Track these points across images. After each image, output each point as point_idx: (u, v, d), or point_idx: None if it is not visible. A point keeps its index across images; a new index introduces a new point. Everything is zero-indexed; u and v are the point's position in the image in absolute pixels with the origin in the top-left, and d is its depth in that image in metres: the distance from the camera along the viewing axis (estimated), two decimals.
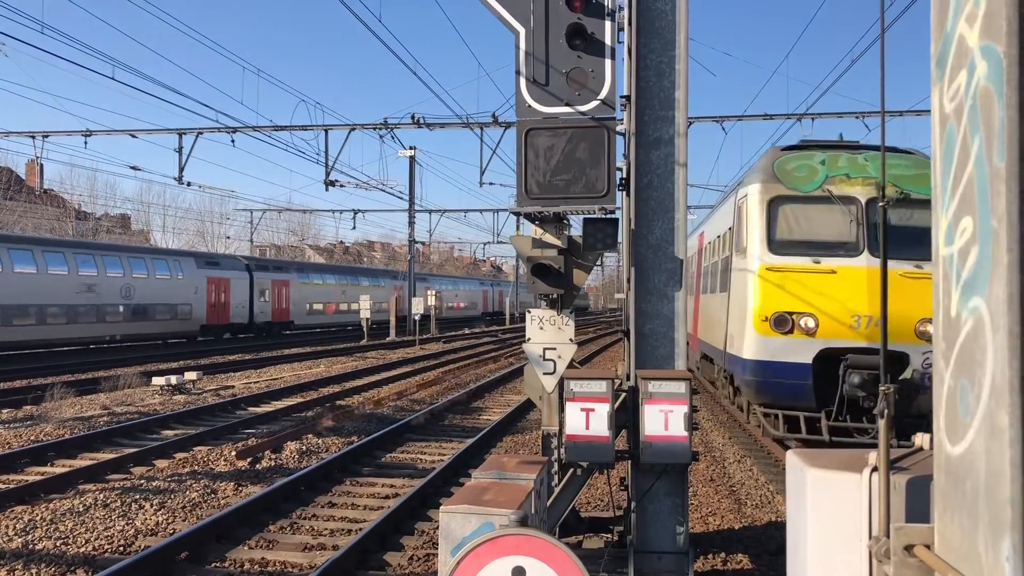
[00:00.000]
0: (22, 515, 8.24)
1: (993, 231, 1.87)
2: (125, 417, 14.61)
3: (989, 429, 1.85)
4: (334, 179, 33.48)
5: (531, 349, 6.31)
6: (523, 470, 4.38)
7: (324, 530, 7.97)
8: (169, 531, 7.86)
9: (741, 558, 7.02)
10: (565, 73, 5.80)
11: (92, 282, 30.59)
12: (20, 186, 54.77)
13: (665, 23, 6.00)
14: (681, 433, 5.34)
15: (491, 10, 5.91)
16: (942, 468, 2.14)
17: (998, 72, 1.87)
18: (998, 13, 1.87)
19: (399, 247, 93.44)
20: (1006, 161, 1.83)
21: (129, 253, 34.49)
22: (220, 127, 30.09)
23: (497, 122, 29.44)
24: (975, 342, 1.94)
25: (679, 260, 6.00)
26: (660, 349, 6.05)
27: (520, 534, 2.91)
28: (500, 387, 20.57)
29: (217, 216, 71.79)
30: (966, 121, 2.03)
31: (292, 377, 22.04)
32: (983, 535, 1.88)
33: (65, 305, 29.19)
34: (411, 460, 11.48)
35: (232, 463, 10.74)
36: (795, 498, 3.04)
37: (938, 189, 2.20)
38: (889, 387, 2.62)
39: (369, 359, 28.77)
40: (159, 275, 34.82)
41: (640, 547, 5.85)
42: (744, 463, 11.10)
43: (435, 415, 15.32)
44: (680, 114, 6.02)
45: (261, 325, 42.55)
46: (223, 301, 39.21)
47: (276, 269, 45.65)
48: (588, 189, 5.77)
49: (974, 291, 1.96)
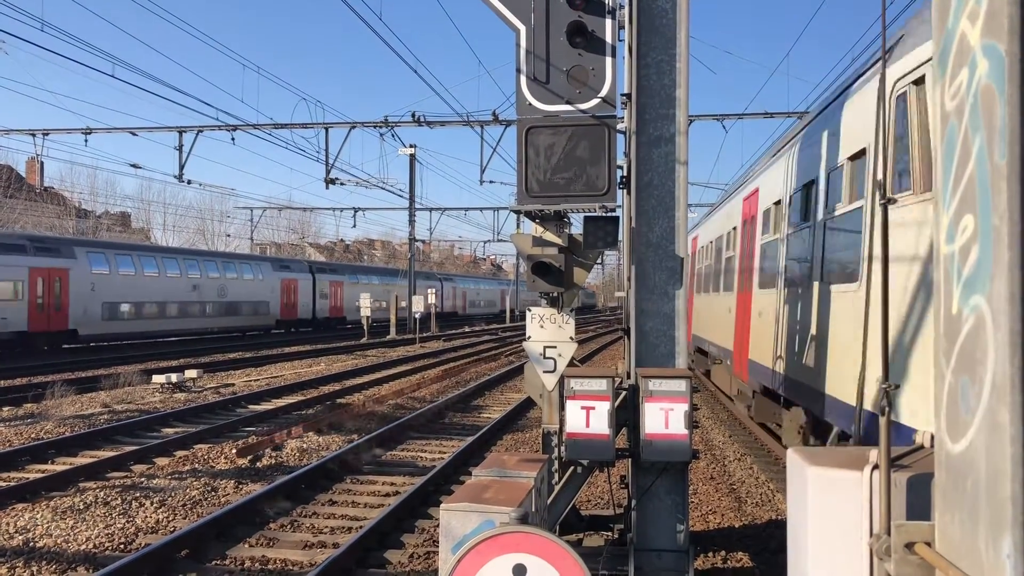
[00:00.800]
0: (23, 513, 8.24)
1: (994, 229, 1.87)
2: (126, 415, 14.62)
3: (990, 426, 1.85)
4: (334, 177, 33.46)
5: (531, 347, 6.31)
6: (523, 468, 4.38)
7: (324, 528, 7.97)
8: (170, 529, 7.87)
9: (741, 556, 7.03)
10: (566, 71, 5.80)
11: (197, 283, 36.91)
12: (20, 184, 54.76)
13: (666, 21, 5.99)
14: (681, 431, 5.33)
15: (492, 8, 5.91)
16: (943, 466, 2.14)
17: (1000, 70, 1.87)
18: (1000, 11, 1.87)
19: (399, 245, 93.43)
20: (1007, 159, 1.83)
21: (223, 258, 41.83)
22: (220, 125, 30.06)
23: (497, 120, 29.42)
24: (976, 340, 1.94)
25: (680, 258, 6.00)
26: (660, 347, 6.05)
27: (521, 532, 2.91)
28: (500, 385, 20.58)
29: (217, 214, 71.88)
30: (967, 119, 2.03)
31: (292, 375, 22.05)
32: (984, 533, 1.88)
33: (179, 302, 35.71)
34: (411, 458, 11.49)
35: (232, 461, 10.75)
36: (796, 496, 3.04)
37: (939, 187, 2.20)
38: (891, 385, 2.62)
39: (369, 357, 28.78)
40: (245, 277, 41.14)
41: (640, 545, 5.85)
42: (744, 461, 11.11)
43: (435, 413, 15.32)
44: (681, 112, 6.01)
45: (321, 320, 48.26)
46: (293, 300, 45.65)
47: (332, 271, 51.63)
48: (588, 187, 5.77)
49: (975, 289, 1.96)
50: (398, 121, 31.17)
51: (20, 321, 27.56)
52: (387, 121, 31.45)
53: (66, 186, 59.76)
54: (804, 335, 7.66)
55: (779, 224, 9.28)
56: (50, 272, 28.73)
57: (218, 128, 30.53)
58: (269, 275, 43.32)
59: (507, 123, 29.04)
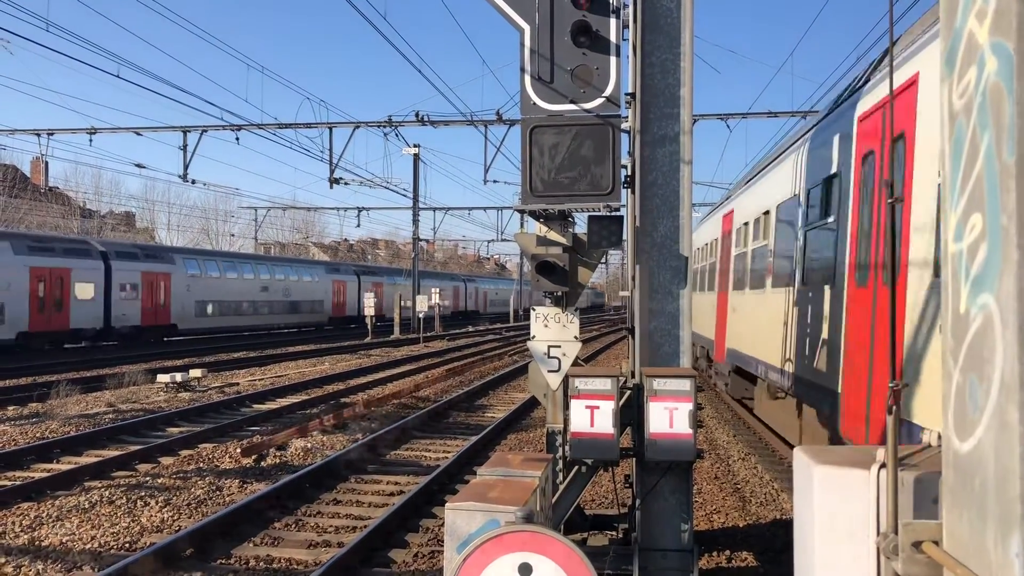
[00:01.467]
0: (28, 512, 8.27)
1: (1003, 228, 1.86)
2: (130, 414, 14.65)
3: (999, 425, 1.85)
4: (338, 177, 33.53)
5: (536, 347, 6.31)
6: (528, 467, 4.38)
7: (329, 527, 7.98)
8: (174, 528, 7.88)
9: (746, 556, 7.02)
10: (570, 70, 5.80)
11: (266, 284, 42.48)
12: (25, 184, 54.92)
13: (670, 20, 5.99)
14: (686, 431, 5.33)
15: (496, 8, 5.91)
16: (951, 464, 2.13)
17: (1008, 68, 1.87)
18: (1008, 10, 1.87)
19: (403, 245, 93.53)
20: (1016, 157, 1.82)
21: (287, 262, 47.63)
22: (225, 125, 30.13)
23: (502, 120, 29.45)
24: (984, 338, 1.94)
25: (684, 258, 6.00)
26: (665, 347, 6.05)
27: (526, 531, 2.91)
28: (504, 384, 20.58)
29: (221, 214, 71.96)
30: (975, 117, 2.02)
31: (296, 375, 22.07)
32: (992, 531, 1.88)
33: (252, 301, 41.18)
34: (415, 457, 11.49)
35: (237, 460, 10.76)
36: (802, 495, 3.04)
37: (947, 186, 2.19)
38: (898, 383, 2.62)
39: (373, 357, 28.81)
40: (305, 279, 46.49)
41: (645, 545, 5.85)
42: (749, 461, 11.10)
43: (439, 412, 15.33)
44: (685, 111, 6.01)
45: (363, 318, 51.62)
46: (342, 300, 51.08)
47: (373, 274, 57.42)
48: (593, 186, 5.77)
49: (983, 288, 1.95)
50: (402, 121, 31.23)
51: (135, 316, 32.97)
52: (391, 121, 31.50)
53: (70, 186, 60.01)
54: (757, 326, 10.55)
55: (747, 240, 11.65)
56: (157, 275, 34.29)
57: (222, 128, 30.61)
58: (323, 277, 49.07)
59: (511, 122, 29.06)
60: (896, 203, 2.85)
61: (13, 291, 27.37)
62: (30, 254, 28.45)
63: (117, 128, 32.36)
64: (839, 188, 6.77)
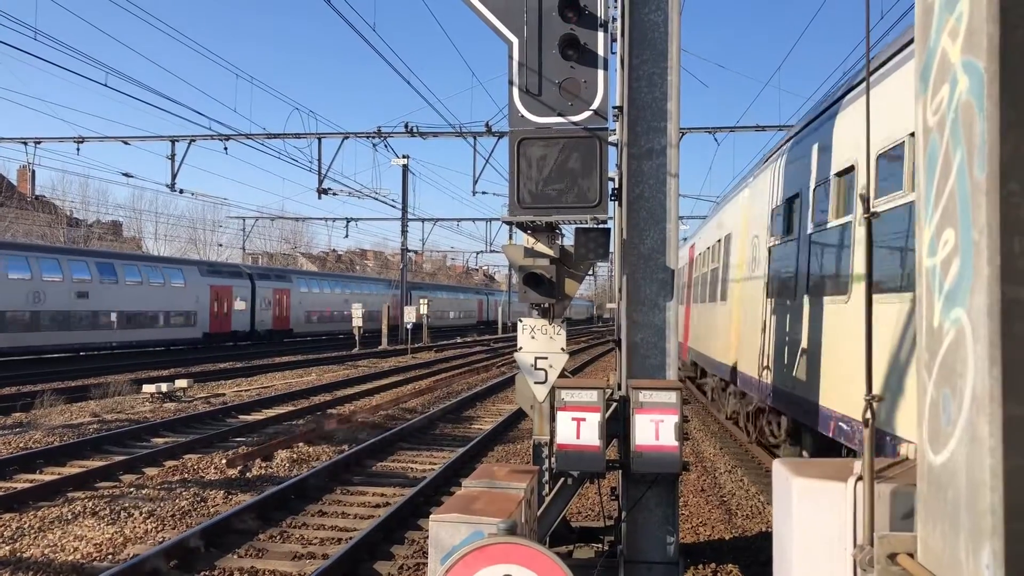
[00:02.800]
0: (10, 522, 8.19)
1: (975, 243, 1.90)
2: (115, 425, 14.54)
3: (970, 438, 1.87)
4: (327, 187, 33.49)
5: (523, 358, 6.32)
6: (514, 479, 4.38)
7: (314, 539, 7.94)
8: (158, 539, 7.83)
9: (731, 568, 7.03)
10: (558, 83, 5.84)
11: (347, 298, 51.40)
12: (11, 192, 54.59)
13: (657, 34, 6.04)
14: (672, 443, 5.34)
15: (485, 21, 5.95)
16: (925, 477, 2.16)
17: (979, 87, 1.91)
18: (979, 29, 1.91)
19: (392, 255, 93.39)
20: (987, 174, 1.86)
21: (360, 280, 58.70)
22: (213, 134, 30.07)
23: (490, 131, 29.51)
24: (956, 352, 1.97)
25: (670, 270, 6.03)
26: (651, 359, 6.07)
27: (509, 543, 2.92)
28: (491, 396, 20.55)
29: (209, 223, 71.65)
30: (948, 134, 2.06)
31: (283, 385, 21.97)
32: (964, 543, 1.90)
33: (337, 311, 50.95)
34: (402, 469, 11.46)
35: (222, 471, 10.70)
36: (781, 507, 3.06)
37: (921, 201, 2.23)
38: (873, 396, 2.64)
39: (360, 368, 28.71)
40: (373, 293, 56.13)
41: (631, 557, 5.85)
42: (735, 473, 11.12)
43: (426, 424, 15.29)
44: (672, 125, 6.05)
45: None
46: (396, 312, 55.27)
47: (419, 289, 62.55)
48: (580, 199, 5.81)
49: (956, 302, 1.99)
50: (391, 132, 31.26)
51: (269, 322, 44.57)
52: (380, 132, 31.51)
53: (57, 195, 59.63)
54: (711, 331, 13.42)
55: (703, 266, 15.07)
56: (282, 291, 46.10)
57: (211, 138, 30.53)
58: (384, 291, 58.12)
59: (500, 134, 29.13)
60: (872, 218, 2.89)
61: (200, 303, 37.91)
62: (209, 276, 39.18)
63: (105, 137, 32.27)
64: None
